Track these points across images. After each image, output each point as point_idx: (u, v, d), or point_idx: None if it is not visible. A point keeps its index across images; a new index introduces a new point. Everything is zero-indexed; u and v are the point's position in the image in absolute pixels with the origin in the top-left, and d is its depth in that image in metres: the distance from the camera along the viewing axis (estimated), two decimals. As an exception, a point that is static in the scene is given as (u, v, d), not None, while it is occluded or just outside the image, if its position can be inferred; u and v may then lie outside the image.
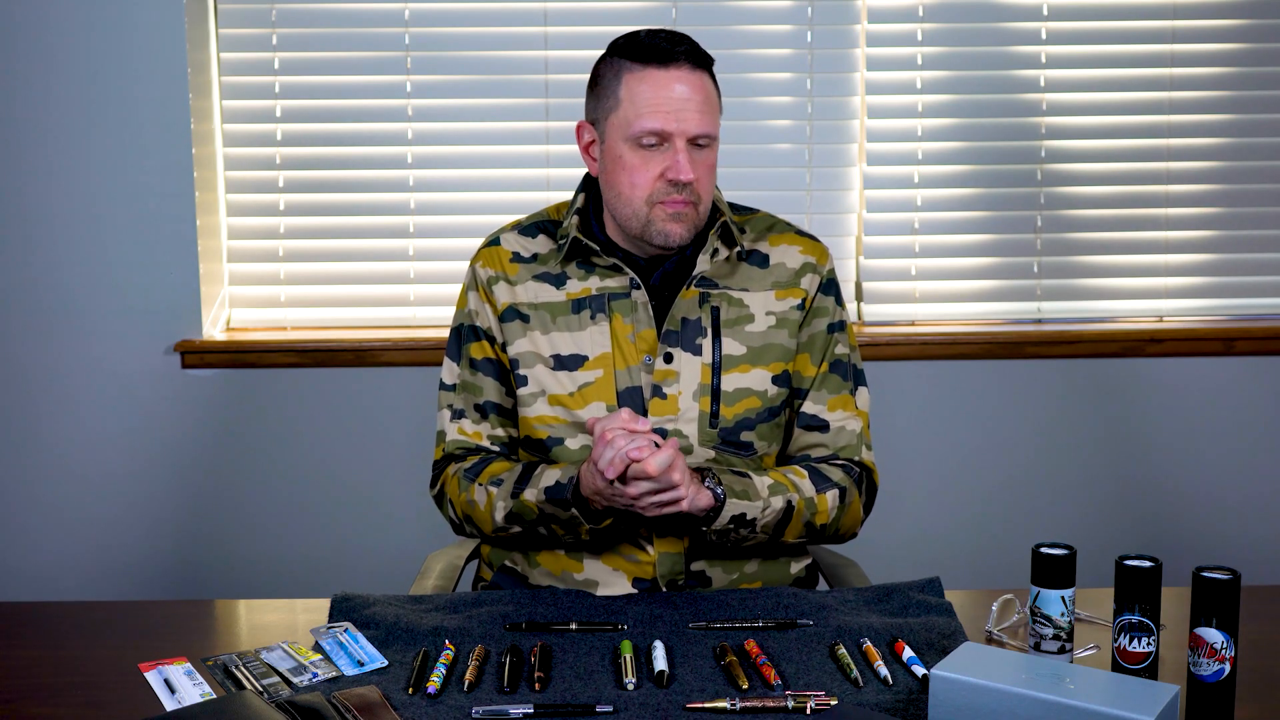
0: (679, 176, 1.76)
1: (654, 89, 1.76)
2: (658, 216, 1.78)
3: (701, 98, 1.77)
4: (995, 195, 3.02)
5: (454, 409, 1.92)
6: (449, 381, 1.93)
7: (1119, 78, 3.00)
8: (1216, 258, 3.06)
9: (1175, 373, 3.02)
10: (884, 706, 1.46)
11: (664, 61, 1.77)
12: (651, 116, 1.76)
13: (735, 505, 1.74)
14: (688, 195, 1.78)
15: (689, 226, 1.80)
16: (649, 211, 1.79)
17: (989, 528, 3.04)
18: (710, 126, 1.78)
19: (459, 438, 1.91)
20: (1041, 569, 1.54)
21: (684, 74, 1.77)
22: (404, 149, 2.98)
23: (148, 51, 2.84)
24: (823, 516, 1.83)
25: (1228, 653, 1.43)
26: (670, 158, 1.76)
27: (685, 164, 1.76)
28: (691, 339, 1.84)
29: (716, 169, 1.84)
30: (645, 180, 1.78)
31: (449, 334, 1.96)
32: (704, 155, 1.79)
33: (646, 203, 1.79)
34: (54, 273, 2.91)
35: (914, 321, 3.05)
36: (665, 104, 1.76)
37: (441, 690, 1.49)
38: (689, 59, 1.78)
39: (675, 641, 1.62)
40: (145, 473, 2.97)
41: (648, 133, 1.76)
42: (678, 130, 1.76)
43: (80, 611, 1.83)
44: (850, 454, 1.89)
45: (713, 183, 1.83)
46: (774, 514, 1.78)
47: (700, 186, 1.79)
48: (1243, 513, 3.06)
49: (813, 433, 1.89)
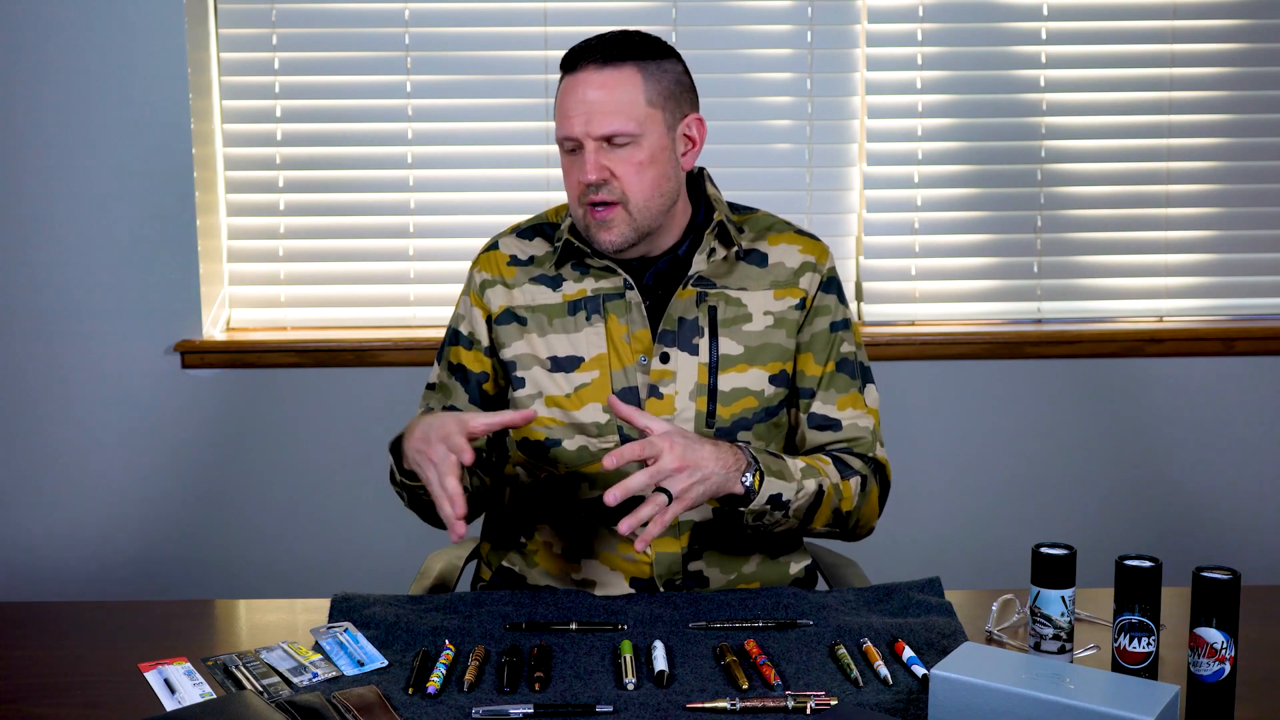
0: (582, 178, 1.76)
1: (565, 95, 1.78)
2: (589, 222, 1.79)
3: (608, 96, 1.75)
4: (995, 195, 3.02)
5: (427, 408, 1.93)
6: (431, 381, 1.97)
7: (1119, 78, 3.00)
8: (1216, 258, 3.06)
9: (1175, 373, 3.02)
10: (884, 706, 1.46)
11: (571, 67, 1.78)
12: (561, 123, 1.78)
13: (771, 484, 1.72)
14: (606, 195, 1.76)
15: (619, 231, 1.78)
16: (584, 216, 1.79)
17: (989, 528, 3.04)
18: (620, 124, 1.75)
19: None
20: (1041, 569, 1.54)
21: (591, 75, 1.75)
22: (404, 149, 2.98)
23: (148, 51, 2.84)
24: (847, 503, 1.82)
25: (1228, 653, 1.43)
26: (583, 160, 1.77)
27: (590, 164, 1.75)
28: (688, 339, 1.83)
29: (659, 166, 1.78)
30: (571, 185, 1.80)
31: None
32: (627, 153, 1.76)
33: (579, 206, 1.79)
34: (54, 273, 2.91)
35: (914, 321, 3.05)
36: (572, 109, 1.76)
37: (441, 690, 1.49)
38: (598, 57, 1.76)
39: (675, 641, 1.62)
40: (145, 473, 2.97)
41: (562, 139, 1.78)
42: (582, 133, 1.75)
43: (80, 611, 1.83)
44: (864, 450, 1.89)
45: (646, 180, 1.77)
46: (806, 497, 1.76)
47: (626, 186, 1.76)
48: (1243, 513, 3.06)
49: (825, 432, 1.88)
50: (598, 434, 1.82)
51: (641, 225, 1.79)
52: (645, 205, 1.78)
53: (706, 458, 1.65)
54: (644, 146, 1.77)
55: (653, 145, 1.77)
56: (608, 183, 1.76)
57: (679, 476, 1.63)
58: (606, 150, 1.76)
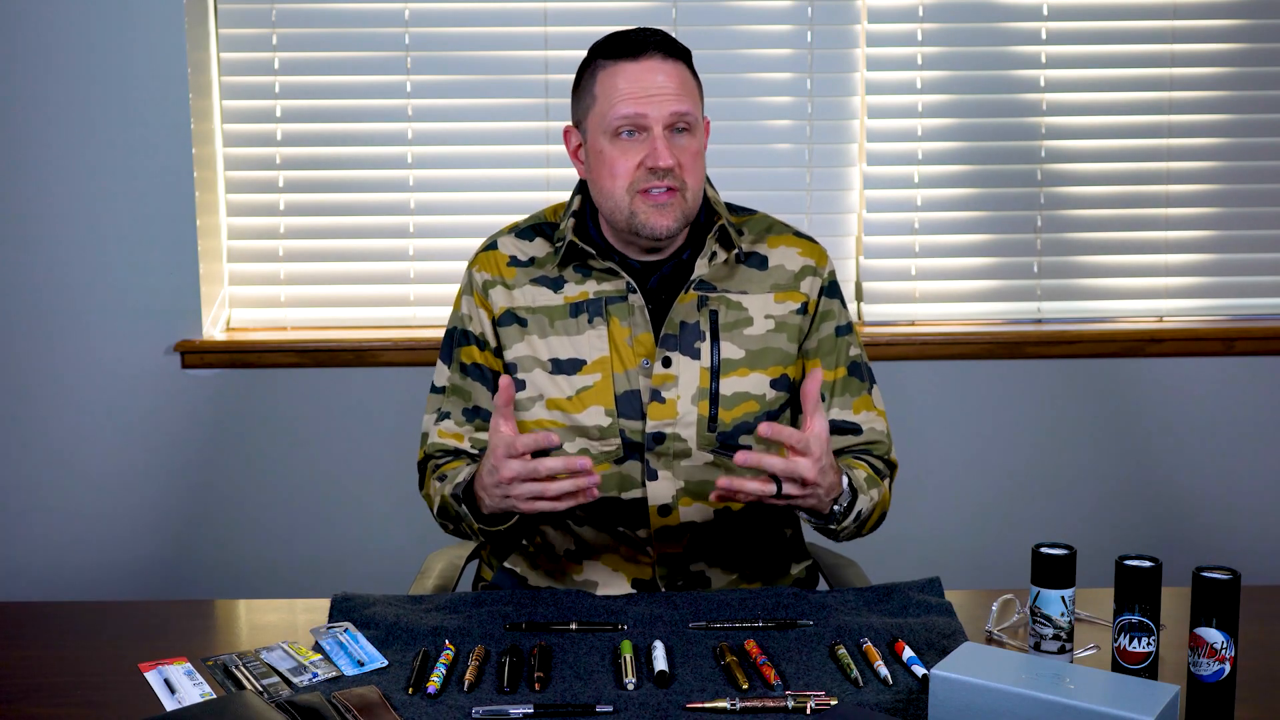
0: (658, 162, 1.74)
1: (628, 80, 1.76)
2: (640, 208, 1.76)
3: (676, 83, 1.76)
4: (995, 195, 3.02)
5: (440, 411, 1.91)
6: (439, 384, 1.93)
7: (1119, 78, 3.00)
8: (1216, 258, 3.06)
9: (1175, 373, 3.02)
10: (884, 706, 1.46)
11: (635, 54, 1.76)
12: (625, 103, 1.75)
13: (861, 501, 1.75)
14: (670, 181, 1.75)
15: (675, 216, 1.77)
16: (630, 202, 1.76)
17: (989, 528, 3.04)
18: (689, 106, 1.76)
19: (439, 440, 1.90)
20: (1041, 569, 1.54)
21: (656, 63, 1.76)
22: (404, 149, 2.98)
23: (148, 51, 2.84)
24: (885, 504, 1.86)
25: (1228, 653, 1.43)
26: (649, 145, 1.75)
27: (664, 149, 1.74)
28: (690, 343, 1.83)
29: (703, 158, 1.81)
30: (625, 170, 1.76)
31: (443, 336, 1.96)
32: (687, 141, 1.77)
33: (628, 193, 1.76)
34: (54, 273, 2.91)
35: (914, 321, 3.05)
36: (639, 91, 1.75)
37: (441, 690, 1.49)
38: (660, 49, 1.77)
39: (675, 641, 1.62)
40: (145, 473, 2.97)
41: (624, 119, 1.75)
42: (654, 115, 1.74)
43: (80, 611, 1.83)
44: (882, 452, 1.90)
45: (700, 171, 1.80)
46: (870, 506, 1.79)
47: (685, 173, 1.76)
48: (1243, 513, 3.06)
49: (845, 436, 1.89)
50: (599, 437, 1.82)
51: (690, 215, 1.80)
52: (695, 195, 1.80)
53: (831, 485, 1.67)
54: (697, 137, 1.79)
55: (701, 138, 1.81)
56: (672, 170, 1.76)
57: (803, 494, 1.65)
58: (669, 137, 1.76)
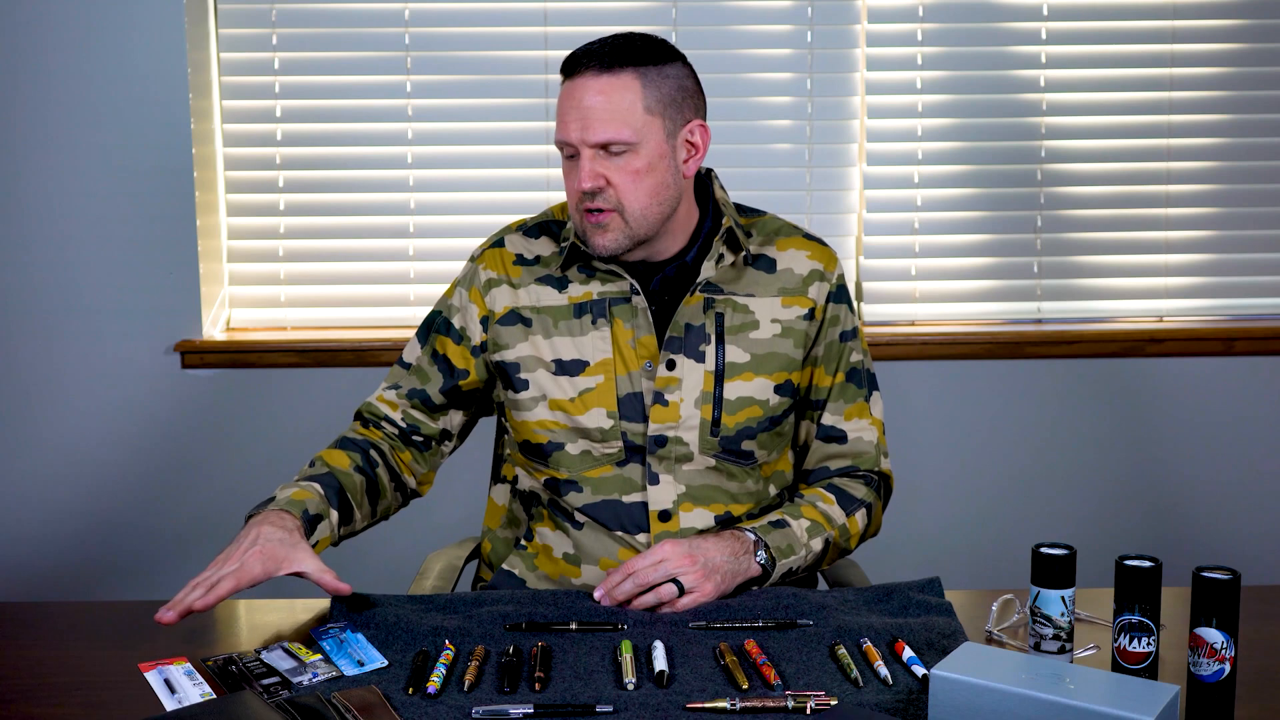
0: (578, 186, 1.75)
1: (564, 101, 1.77)
2: (585, 226, 1.78)
3: (605, 103, 1.73)
4: (995, 195, 3.02)
5: (396, 384, 1.93)
6: (408, 360, 1.94)
7: (1119, 78, 3.00)
8: (1216, 258, 3.06)
9: (1175, 373, 3.02)
10: (884, 706, 1.45)
11: (570, 72, 1.77)
12: (560, 128, 1.77)
13: (782, 566, 1.76)
14: (601, 202, 1.75)
15: (613, 237, 1.77)
16: (580, 220, 1.79)
17: (989, 528, 3.04)
18: (615, 132, 1.73)
19: (376, 404, 1.93)
20: (1041, 569, 1.54)
21: (589, 81, 1.74)
22: (404, 149, 2.98)
23: (148, 51, 2.85)
24: (854, 540, 1.88)
25: (1228, 653, 1.43)
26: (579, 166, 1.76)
27: (585, 172, 1.74)
28: (695, 345, 1.82)
29: (655, 175, 1.76)
30: (571, 189, 1.79)
31: (427, 314, 1.96)
32: (623, 161, 1.75)
33: (576, 211, 1.79)
34: (54, 273, 2.91)
35: (914, 321, 3.05)
36: (569, 114, 1.75)
37: (441, 690, 1.49)
38: (598, 63, 1.74)
39: (675, 641, 1.61)
40: (145, 473, 2.97)
41: (560, 144, 1.78)
42: (578, 139, 1.74)
43: (80, 611, 1.82)
44: (869, 465, 1.90)
45: (641, 189, 1.76)
46: (814, 556, 1.81)
47: (621, 194, 1.75)
48: (1243, 513, 3.06)
49: (831, 444, 1.90)
50: (601, 438, 1.82)
51: (638, 232, 1.78)
52: (642, 213, 1.77)
53: (710, 547, 1.70)
54: (641, 154, 1.75)
55: (650, 153, 1.76)
56: (603, 190, 1.75)
57: (690, 569, 1.67)
58: (603, 157, 1.75)
